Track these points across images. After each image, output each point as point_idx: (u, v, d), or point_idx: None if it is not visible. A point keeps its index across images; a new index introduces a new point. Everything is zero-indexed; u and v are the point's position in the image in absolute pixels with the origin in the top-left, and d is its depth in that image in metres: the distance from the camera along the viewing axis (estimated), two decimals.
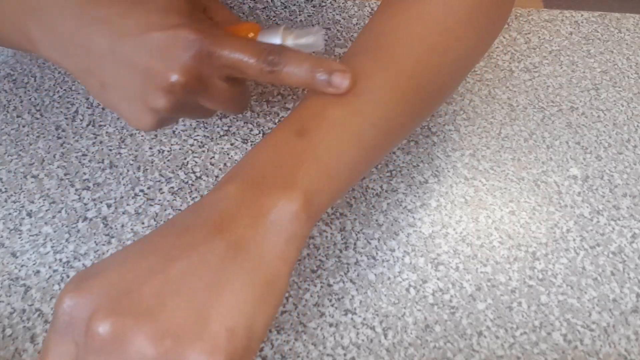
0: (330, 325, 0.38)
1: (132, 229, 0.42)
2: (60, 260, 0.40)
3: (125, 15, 0.32)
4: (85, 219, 0.43)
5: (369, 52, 0.36)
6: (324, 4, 0.60)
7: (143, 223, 0.43)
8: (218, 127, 0.49)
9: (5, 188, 0.44)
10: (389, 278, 0.40)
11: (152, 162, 0.46)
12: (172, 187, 0.45)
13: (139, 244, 0.29)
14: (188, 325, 0.26)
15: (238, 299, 0.27)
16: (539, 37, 0.59)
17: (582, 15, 0.62)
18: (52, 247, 0.41)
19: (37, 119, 0.49)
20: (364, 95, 0.33)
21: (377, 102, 0.34)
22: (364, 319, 0.38)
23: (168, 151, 0.47)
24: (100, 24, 0.32)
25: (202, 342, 0.25)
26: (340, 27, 0.58)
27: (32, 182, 0.44)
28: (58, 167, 0.45)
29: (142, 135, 0.48)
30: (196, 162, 0.46)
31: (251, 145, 0.48)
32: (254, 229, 0.28)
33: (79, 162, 0.46)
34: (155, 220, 0.43)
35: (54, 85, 0.52)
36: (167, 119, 0.36)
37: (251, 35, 0.37)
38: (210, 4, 0.39)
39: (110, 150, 0.47)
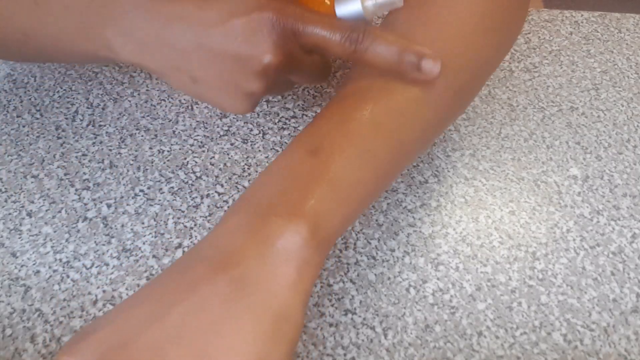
0: (330, 325, 0.38)
1: (132, 229, 0.42)
2: (60, 260, 0.40)
3: (204, 8, 0.32)
4: (85, 219, 0.43)
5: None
6: None
7: (143, 223, 0.43)
8: (218, 127, 0.49)
9: (5, 188, 0.44)
10: (389, 278, 0.40)
11: (152, 162, 0.46)
12: (172, 187, 0.45)
13: (138, 292, 0.27)
14: None
15: (246, 340, 0.25)
16: (539, 37, 0.59)
17: (582, 15, 0.62)
18: (52, 247, 0.41)
19: (37, 119, 0.49)
20: (380, 110, 0.33)
21: (395, 117, 0.33)
22: (364, 319, 0.38)
23: (168, 151, 0.47)
24: (181, 21, 0.32)
25: None
26: None
27: (32, 182, 0.44)
28: (58, 167, 0.45)
29: (142, 135, 0.48)
30: (196, 162, 0.46)
31: (251, 145, 0.48)
32: (261, 260, 0.27)
33: (79, 162, 0.46)
34: (155, 220, 0.43)
35: (54, 85, 0.52)
36: (261, 98, 0.36)
37: (327, 2, 0.36)
38: None
39: (110, 150, 0.47)
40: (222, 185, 0.45)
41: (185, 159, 0.47)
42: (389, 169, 0.33)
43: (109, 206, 0.43)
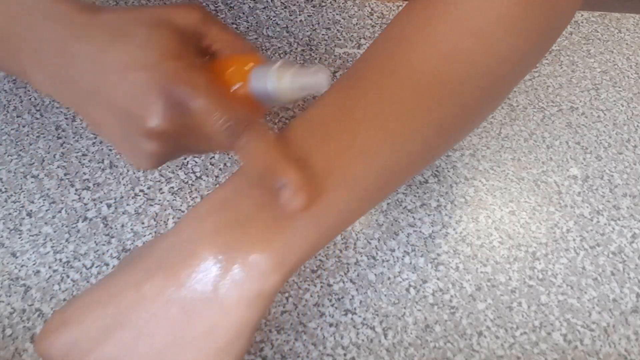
0: (330, 325, 0.38)
1: (132, 229, 0.42)
2: (60, 260, 0.40)
3: (106, 51, 0.29)
4: (85, 219, 0.43)
5: (380, 61, 0.32)
6: (324, 4, 0.60)
7: (143, 223, 0.43)
8: None
9: (5, 188, 0.44)
10: (389, 278, 0.40)
11: None
12: (172, 187, 0.45)
13: (97, 287, 0.30)
14: None
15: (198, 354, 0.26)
16: None
17: (582, 15, 0.62)
18: (52, 247, 0.41)
19: (37, 119, 0.49)
20: (366, 123, 0.30)
21: (386, 137, 0.30)
22: (364, 319, 0.38)
23: None
24: (85, 61, 0.30)
25: None
26: (340, 27, 0.58)
27: (32, 182, 0.44)
28: (58, 167, 0.45)
29: None
30: (196, 162, 0.46)
31: None
32: (214, 285, 0.27)
33: (79, 162, 0.46)
34: (155, 220, 0.43)
35: None
36: (169, 158, 0.32)
37: (250, 65, 0.32)
38: (210, 29, 0.33)
39: (110, 150, 0.47)
40: None
41: (185, 159, 0.47)
42: (374, 196, 0.31)
43: (109, 206, 0.43)
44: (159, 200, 0.44)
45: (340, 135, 0.30)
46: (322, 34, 0.57)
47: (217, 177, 0.46)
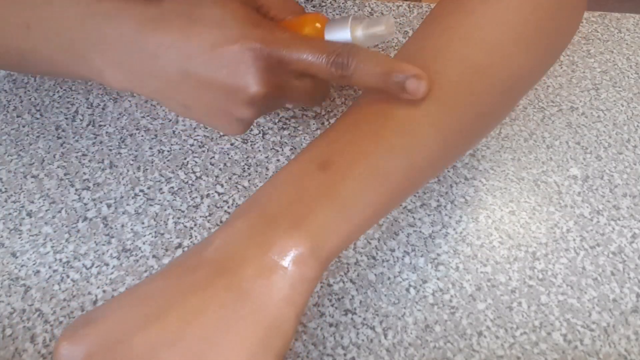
0: (330, 325, 0.38)
1: (132, 229, 0.42)
2: (60, 260, 0.40)
3: (188, 37, 0.31)
4: (85, 219, 0.43)
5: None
6: (324, 4, 0.60)
7: (143, 223, 0.43)
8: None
9: (5, 188, 0.44)
10: (389, 278, 0.40)
11: (152, 162, 0.46)
12: (172, 187, 0.45)
13: (140, 287, 0.28)
14: None
15: (237, 349, 0.26)
16: None
17: None
18: (52, 247, 0.41)
19: (37, 119, 0.49)
20: (395, 129, 0.31)
21: (409, 137, 0.31)
22: (364, 319, 0.38)
23: (168, 151, 0.47)
24: (167, 51, 0.32)
25: None
26: None
27: (32, 182, 0.44)
28: (58, 167, 0.45)
29: (142, 135, 0.48)
30: (196, 162, 0.46)
31: (251, 145, 0.48)
32: (258, 272, 0.27)
33: (79, 162, 0.46)
34: (155, 220, 0.43)
35: (54, 85, 0.52)
36: (255, 119, 0.36)
37: (317, 26, 0.35)
38: (272, 5, 0.36)
39: (110, 150, 0.47)
40: (222, 185, 0.45)
41: (185, 159, 0.47)
42: (399, 191, 0.32)
43: (109, 206, 0.43)
44: (159, 200, 0.44)
45: (367, 135, 0.31)
46: None
47: (217, 177, 0.46)
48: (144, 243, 0.41)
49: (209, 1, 0.32)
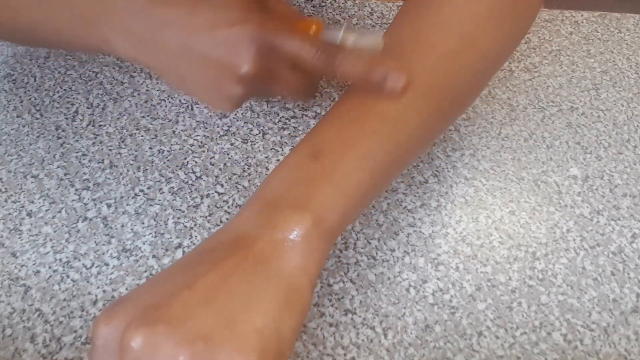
0: (330, 325, 0.38)
1: (132, 229, 0.42)
2: (60, 260, 0.40)
3: (193, 14, 0.35)
4: (85, 219, 0.43)
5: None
6: (324, 4, 0.60)
7: (143, 223, 0.43)
8: (218, 127, 0.49)
9: (5, 188, 0.44)
10: (389, 278, 0.40)
11: (152, 162, 0.46)
12: (172, 187, 0.45)
13: (167, 270, 0.30)
14: (217, 329, 0.26)
15: (262, 304, 0.28)
16: (539, 37, 0.59)
17: (582, 15, 0.62)
18: (52, 247, 0.41)
19: (37, 119, 0.49)
20: (378, 115, 0.34)
21: (392, 121, 0.34)
22: (364, 319, 0.38)
23: (168, 151, 0.47)
24: (172, 25, 0.35)
25: (232, 343, 0.26)
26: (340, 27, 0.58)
27: (32, 182, 0.44)
28: (58, 167, 0.45)
29: (142, 135, 0.48)
30: (196, 162, 0.46)
31: (251, 145, 0.48)
32: (271, 245, 0.30)
33: (79, 162, 0.46)
34: (155, 220, 0.43)
35: (54, 85, 0.52)
36: (244, 100, 0.38)
37: (314, 28, 0.38)
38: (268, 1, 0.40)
39: (110, 150, 0.47)
40: (222, 185, 0.45)
41: (185, 159, 0.47)
42: (387, 170, 0.35)
43: (109, 206, 0.43)
44: (159, 200, 0.44)
45: (353, 124, 0.34)
46: None
47: (217, 177, 0.46)
48: (144, 243, 0.41)
49: None
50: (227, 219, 0.43)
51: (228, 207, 0.44)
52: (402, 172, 0.46)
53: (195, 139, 0.48)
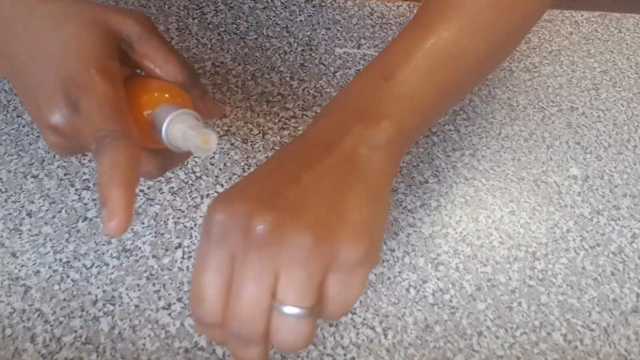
0: (330, 325, 0.38)
1: (132, 229, 0.42)
2: (60, 260, 0.40)
3: (39, 39, 0.31)
4: (85, 219, 0.43)
5: (441, 6, 0.38)
6: (324, 4, 0.60)
7: (143, 223, 0.43)
8: (218, 127, 0.49)
9: (5, 188, 0.44)
10: (389, 278, 0.40)
11: None
12: (172, 187, 0.45)
13: (258, 170, 0.31)
14: (331, 219, 0.28)
15: (360, 199, 0.30)
16: (539, 37, 0.59)
17: (582, 15, 0.62)
18: (52, 247, 0.41)
19: None
20: (441, 45, 0.36)
21: (457, 55, 0.36)
22: (364, 319, 0.38)
23: None
24: (25, 42, 0.32)
25: (347, 230, 0.28)
26: (340, 27, 0.58)
27: (32, 182, 0.44)
28: (58, 167, 0.45)
29: None
30: (196, 162, 0.46)
31: (251, 145, 0.48)
32: (356, 150, 0.31)
33: (79, 162, 0.46)
34: (155, 220, 0.43)
35: None
36: (76, 152, 0.33)
37: (160, 100, 0.32)
38: (144, 45, 0.34)
39: None
40: (222, 185, 0.45)
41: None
42: (449, 95, 0.37)
43: None
44: (159, 200, 0.44)
45: (421, 52, 0.36)
46: (322, 34, 0.57)
47: (217, 177, 0.46)
48: (144, 243, 0.41)
49: (82, 15, 0.32)
50: (309, 123, 0.43)
51: None
52: (462, 96, 0.50)
53: None
